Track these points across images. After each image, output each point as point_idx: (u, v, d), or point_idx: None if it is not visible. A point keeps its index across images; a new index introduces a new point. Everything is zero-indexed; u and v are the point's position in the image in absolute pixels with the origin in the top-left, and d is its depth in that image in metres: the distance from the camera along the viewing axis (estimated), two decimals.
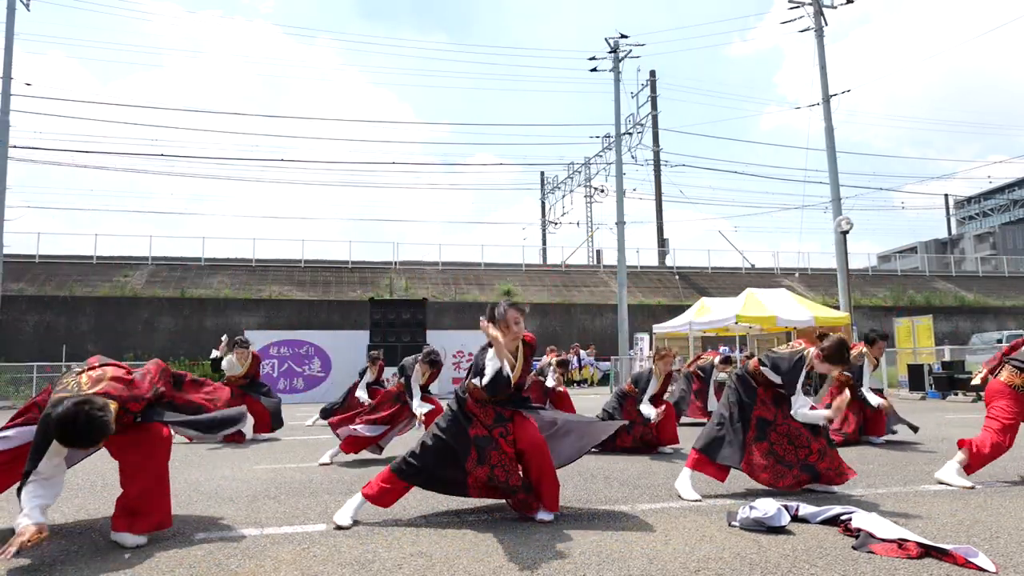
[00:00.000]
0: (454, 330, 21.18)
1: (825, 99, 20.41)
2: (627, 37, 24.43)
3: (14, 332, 21.69)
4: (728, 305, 16.46)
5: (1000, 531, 3.19)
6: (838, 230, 18.32)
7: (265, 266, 27.70)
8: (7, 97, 19.35)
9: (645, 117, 26.54)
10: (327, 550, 2.99)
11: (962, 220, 64.02)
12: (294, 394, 16.64)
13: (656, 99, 30.54)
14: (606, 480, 4.73)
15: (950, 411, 10.61)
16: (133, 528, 3.08)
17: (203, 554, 2.95)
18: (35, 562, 2.85)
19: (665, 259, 33.52)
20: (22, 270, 23.99)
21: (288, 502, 4.10)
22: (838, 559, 2.77)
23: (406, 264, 29.40)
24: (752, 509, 3.30)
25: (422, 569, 2.71)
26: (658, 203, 35.08)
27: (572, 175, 33.40)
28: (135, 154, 45.78)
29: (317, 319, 24.28)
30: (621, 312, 22.89)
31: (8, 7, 19.60)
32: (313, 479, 4.97)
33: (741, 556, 2.82)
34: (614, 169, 24.38)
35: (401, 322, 17.04)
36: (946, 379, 13.64)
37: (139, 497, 3.10)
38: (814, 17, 20.74)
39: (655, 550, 2.93)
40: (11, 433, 3.14)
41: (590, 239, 36.99)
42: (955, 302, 30.87)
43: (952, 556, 2.71)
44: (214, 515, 3.74)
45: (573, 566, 2.72)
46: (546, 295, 27.64)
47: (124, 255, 27.05)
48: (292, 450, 6.83)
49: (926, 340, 16.23)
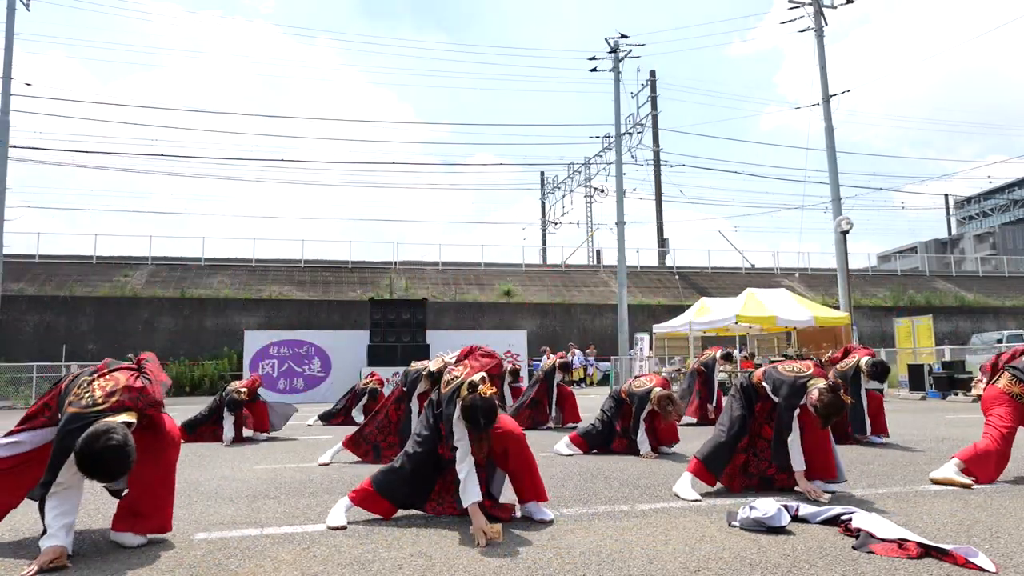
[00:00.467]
0: (454, 330, 21.20)
1: (825, 99, 20.41)
2: (627, 37, 24.44)
3: (14, 332, 21.69)
4: (728, 305, 16.46)
5: (1000, 531, 3.19)
6: (838, 230, 18.33)
7: (265, 266, 27.70)
8: (7, 97, 19.36)
9: (645, 117, 26.55)
10: (327, 550, 2.99)
11: (962, 220, 64.03)
12: (294, 394, 16.64)
13: (656, 99, 30.57)
14: (606, 480, 4.73)
15: (950, 411, 10.61)
16: (134, 528, 3.08)
17: (203, 554, 2.95)
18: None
19: (665, 259, 33.52)
20: (22, 270, 23.99)
21: (288, 502, 4.10)
22: (838, 559, 2.77)
23: (406, 264, 29.40)
24: (752, 509, 3.29)
25: (422, 569, 2.71)
26: (658, 203, 35.10)
27: (572, 175, 33.41)
28: (135, 154, 45.78)
29: (317, 319, 24.28)
30: (621, 312, 22.90)
31: (8, 7, 19.61)
32: (313, 479, 4.97)
33: (741, 556, 2.82)
34: (614, 169, 24.40)
35: (401, 322, 17.03)
36: (946, 379, 13.64)
37: (143, 499, 3.10)
38: (814, 17, 20.75)
39: (655, 550, 2.93)
40: (23, 437, 3.13)
41: (590, 239, 37.00)
42: (955, 302, 30.87)
43: (952, 556, 2.71)
44: (214, 515, 3.74)
45: (573, 566, 2.72)
46: (546, 295, 27.63)
47: (124, 255, 27.05)
48: (292, 450, 6.84)
49: (926, 340, 16.23)
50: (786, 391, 4.08)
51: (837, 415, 3.87)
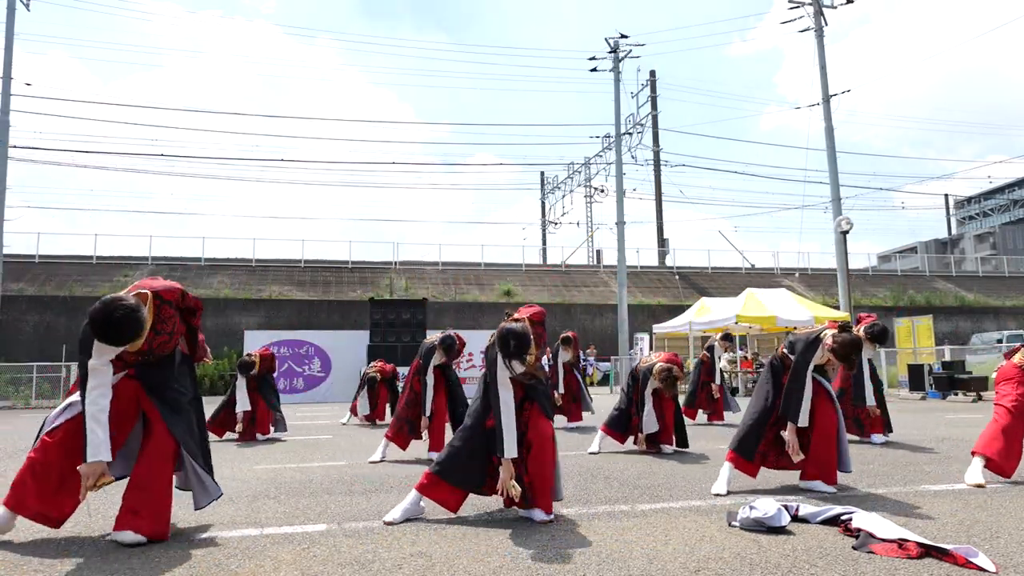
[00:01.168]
0: (454, 330, 21.18)
1: (825, 99, 20.41)
2: (627, 37, 24.46)
3: (14, 332, 21.70)
4: (728, 305, 16.47)
5: (1000, 531, 3.19)
6: (838, 230, 18.32)
7: (265, 266, 27.70)
8: (7, 97, 19.36)
9: (645, 117, 26.57)
10: (327, 550, 2.99)
11: (962, 220, 64.02)
12: (294, 394, 16.64)
13: (656, 99, 30.58)
14: (606, 480, 4.73)
15: (950, 411, 10.61)
16: (134, 527, 3.08)
17: (203, 554, 2.95)
18: (35, 562, 2.85)
19: (665, 259, 33.52)
20: (22, 270, 23.99)
21: (288, 502, 4.10)
22: (838, 559, 2.77)
23: (406, 264, 29.40)
24: (752, 509, 3.29)
25: (422, 569, 2.71)
26: (658, 203, 35.11)
27: (572, 175, 33.44)
28: (135, 154, 45.82)
29: (317, 319, 24.28)
30: (621, 312, 22.90)
31: (8, 7, 19.61)
32: (313, 479, 4.97)
33: (741, 556, 2.82)
34: (614, 169, 24.42)
35: (401, 322, 17.04)
36: (946, 379, 13.64)
37: (144, 499, 3.11)
38: (814, 17, 20.75)
39: (655, 550, 2.93)
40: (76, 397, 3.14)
41: (590, 239, 37.00)
42: (955, 302, 30.87)
43: (952, 556, 2.71)
44: (214, 515, 3.74)
45: (573, 566, 2.72)
46: (546, 295, 27.63)
47: (124, 255, 27.05)
48: (292, 450, 6.84)
49: (926, 340, 16.23)
50: (801, 347, 4.21)
51: (856, 351, 4.00)
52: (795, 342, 4.30)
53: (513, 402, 3.50)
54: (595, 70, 25.04)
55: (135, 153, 49.90)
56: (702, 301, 18.11)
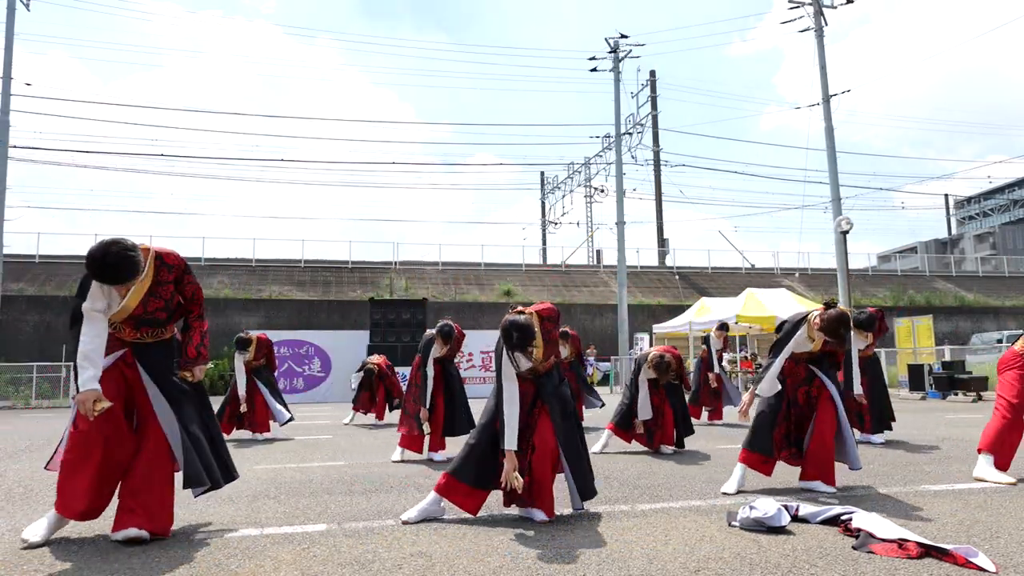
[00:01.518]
0: None
1: (825, 99, 20.40)
2: (627, 37, 24.45)
3: (14, 332, 21.69)
4: (728, 305, 16.47)
5: (1000, 531, 3.19)
6: (838, 230, 18.32)
7: (265, 266, 27.70)
8: (7, 97, 19.36)
9: (645, 117, 26.57)
10: (327, 550, 2.99)
11: (962, 220, 64.02)
12: (294, 394, 16.63)
13: (656, 99, 30.58)
14: (606, 480, 4.73)
15: (950, 411, 10.61)
16: (134, 525, 3.08)
17: (203, 554, 2.95)
18: (35, 562, 2.85)
19: (665, 259, 33.52)
20: (22, 270, 23.99)
21: (288, 502, 4.10)
22: (838, 559, 2.77)
23: (406, 264, 29.40)
24: (752, 509, 3.29)
25: (422, 569, 2.71)
26: (658, 203, 35.11)
27: (572, 175, 33.43)
28: (135, 154, 45.78)
29: (317, 319, 24.28)
30: (621, 312, 22.89)
31: (8, 7, 19.61)
32: (313, 479, 4.97)
33: (741, 556, 2.82)
34: (614, 169, 24.41)
35: (401, 322, 17.04)
36: (946, 379, 13.63)
37: (144, 498, 3.11)
38: (814, 17, 20.74)
39: (655, 550, 2.93)
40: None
41: (590, 239, 37.00)
42: (955, 302, 30.87)
43: (952, 556, 2.71)
44: (214, 515, 3.74)
45: (573, 566, 2.72)
46: (546, 295, 27.62)
47: None
48: (292, 450, 6.84)
49: (926, 340, 16.22)
50: (788, 327, 4.30)
51: (844, 326, 4.03)
52: (784, 323, 4.42)
53: (518, 395, 3.52)
54: (595, 70, 25.04)
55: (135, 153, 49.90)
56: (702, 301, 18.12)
